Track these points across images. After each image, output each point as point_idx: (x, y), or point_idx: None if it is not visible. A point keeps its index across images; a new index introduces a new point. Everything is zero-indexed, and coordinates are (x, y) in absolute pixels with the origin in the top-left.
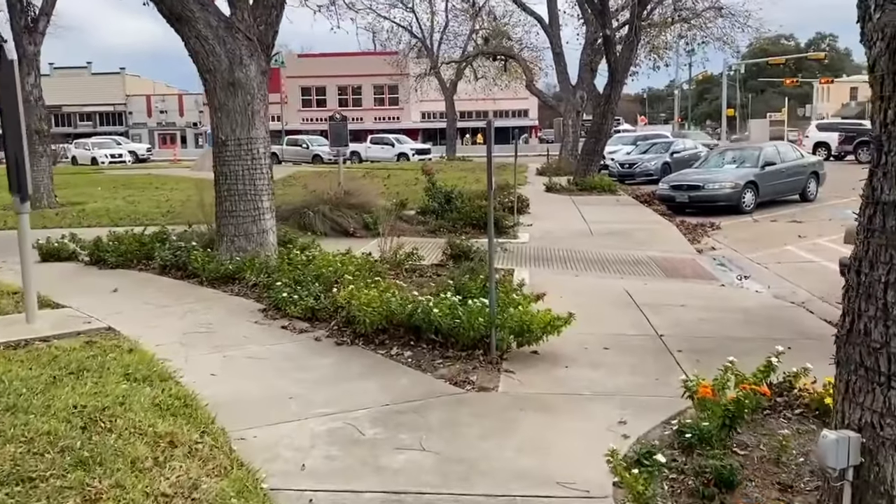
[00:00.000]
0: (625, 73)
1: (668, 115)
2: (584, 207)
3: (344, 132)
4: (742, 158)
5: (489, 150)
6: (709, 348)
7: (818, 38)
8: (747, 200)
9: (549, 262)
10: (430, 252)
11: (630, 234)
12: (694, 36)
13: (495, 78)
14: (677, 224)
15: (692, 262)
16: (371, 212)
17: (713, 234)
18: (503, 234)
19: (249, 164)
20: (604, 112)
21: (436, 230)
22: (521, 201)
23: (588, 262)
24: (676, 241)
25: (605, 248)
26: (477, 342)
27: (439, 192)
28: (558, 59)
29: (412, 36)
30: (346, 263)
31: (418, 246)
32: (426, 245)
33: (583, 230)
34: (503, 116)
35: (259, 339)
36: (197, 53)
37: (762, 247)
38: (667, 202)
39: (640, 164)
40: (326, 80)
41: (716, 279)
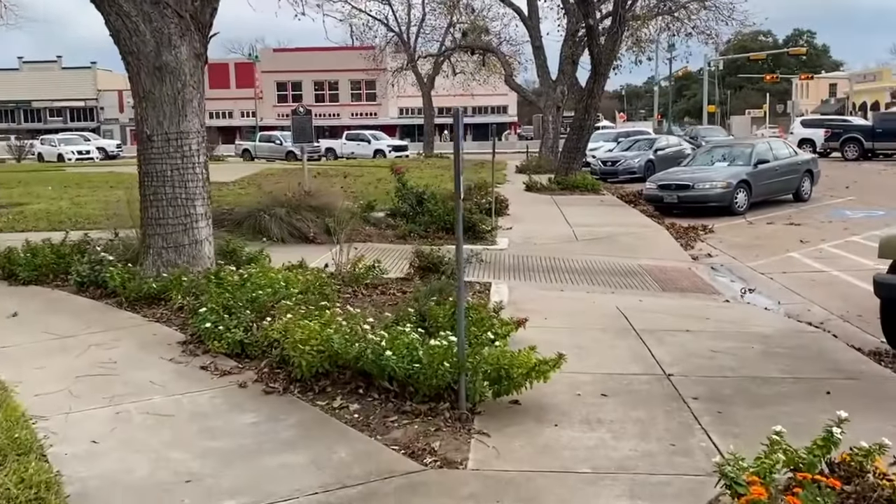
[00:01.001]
0: (608, 66)
1: (647, 112)
2: (566, 208)
3: (308, 127)
4: (733, 156)
5: (456, 148)
6: (729, 393)
7: (796, 35)
8: (740, 201)
9: (530, 273)
10: (397, 262)
11: (618, 239)
12: (678, 28)
13: (473, 73)
14: (667, 227)
15: (689, 273)
16: (335, 214)
17: (707, 239)
18: (480, 240)
19: (180, 162)
20: (586, 107)
21: (406, 235)
22: (500, 202)
23: (574, 273)
24: (668, 247)
25: (592, 256)
26: (442, 391)
27: (410, 192)
28: (538, 53)
29: (388, 29)
30: (290, 282)
31: (385, 253)
32: (393, 253)
33: (566, 234)
34: (482, 113)
35: (169, 386)
36: (118, 33)
37: (763, 254)
38: (654, 203)
39: (624, 162)
40: (302, 74)
41: (717, 293)
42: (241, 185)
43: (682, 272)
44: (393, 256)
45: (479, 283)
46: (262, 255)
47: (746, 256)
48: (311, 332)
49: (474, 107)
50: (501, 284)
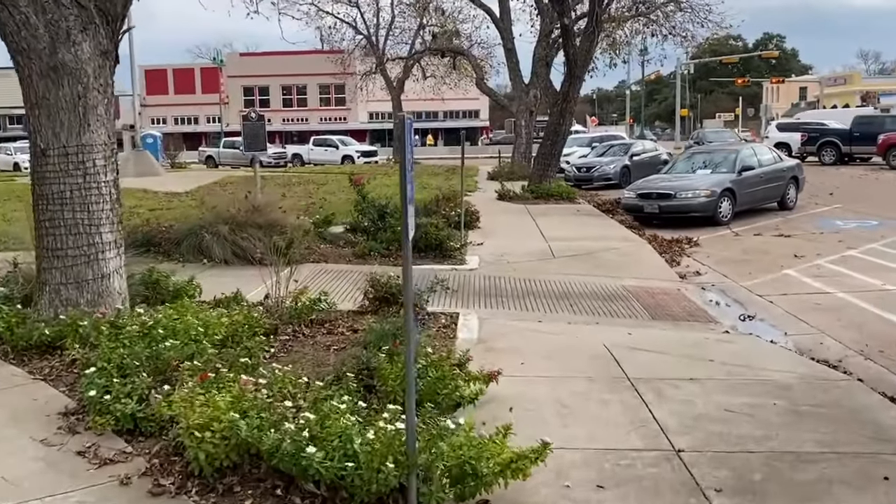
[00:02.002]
0: (584, 68)
1: (618, 116)
2: (541, 219)
3: (261, 133)
4: (715, 162)
5: (403, 161)
6: (760, 480)
7: (766, 39)
8: (724, 210)
9: (504, 300)
10: (353, 287)
11: (598, 256)
12: (653, 31)
13: (444, 76)
14: (649, 240)
15: (679, 296)
16: (285, 231)
17: (693, 253)
18: (448, 259)
19: (81, 181)
20: (561, 111)
21: (365, 254)
22: (471, 214)
23: (553, 299)
24: (653, 264)
25: (572, 276)
26: (386, 497)
27: (371, 206)
28: (510, 56)
29: (357, 32)
30: (212, 326)
31: (340, 277)
32: (349, 276)
33: (542, 250)
34: (453, 117)
35: (25, 485)
36: (4, 26)
37: (756, 271)
38: (633, 212)
39: (599, 168)
40: (270, 79)
41: (714, 321)
42: (195, 195)
43: (671, 295)
44: (349, 280)
45: (446, 315)
46: (190, 287)
47: (738, 274)
48: (214, 411)
49: (445, 111)
50: (471, 315)
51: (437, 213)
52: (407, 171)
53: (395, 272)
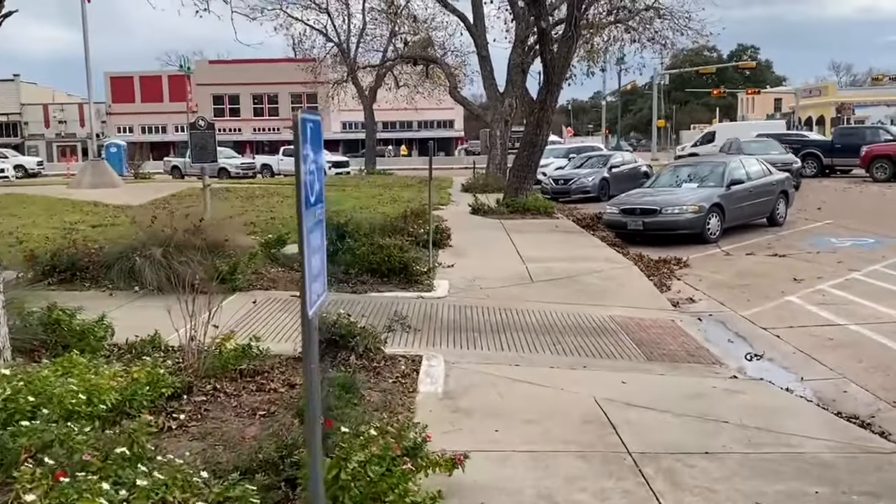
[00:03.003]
0: (562, 75)
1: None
2: (518, 237)
3: (211, 143)
4: (702, 176)
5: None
6: None
7: (740, 50)
8: (712, 227)
9: (475, 336)
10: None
11: (581, 280)
12: (633, 37)
13: (417, 85)
14: (635, 260)
15: (674, 328)
16: (231, 254)
17: (683, 276)
18: (414, 285)
19: None
20: (538, 120)
21: None
22: (441, 232)
23: (532, 334)
24: (641, 289)
25: (552, 305)
26: None
27: (328, 224)
28: (484, 63)
29: (328, 39)
30: (99, 391)
31: (288, 308)
32: (298, 309)
33: (519, 274)
34: (427, 127)
35: None
36: None
37: (755, 297)
38: (615, 229)
39: (577, 181)
40: (240, 87)
41: (718, 362)
42: (147, 209)
43: (665, 328)
44: (297, 313)
45: (407, 359)
46: (100, 327)
47: (736, 301)
48: None
49: (419, 121)
50: (436, 360)
51: (403, 231)
52: (307, 206)
53: (351, 303)
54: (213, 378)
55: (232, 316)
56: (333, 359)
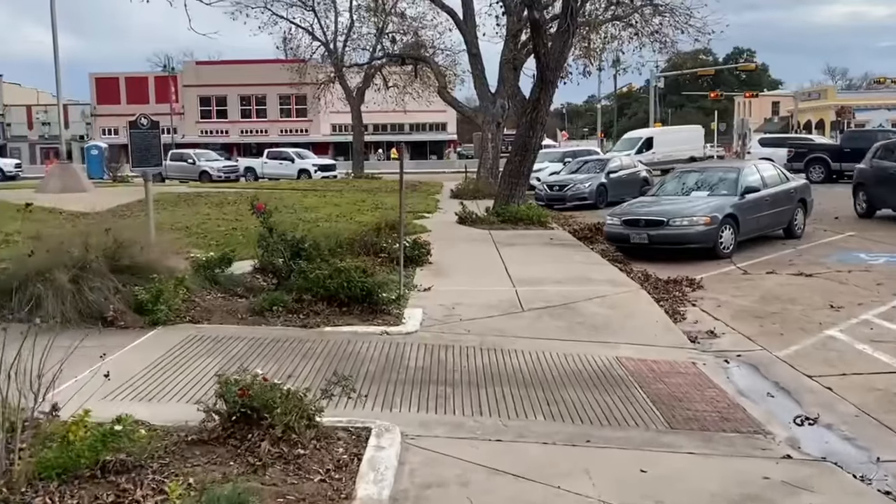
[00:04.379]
0: (556, 72)
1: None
2: (507, 251)
3: (154, 145)
4: (712, 183)
5: None
6: None
7: (736, 53)
8: (725, 241)
9: (447, 393)
10: None
11: (580, 308)
12: (630, 34)
13: (406, 86)
14: (641, 280)
15: (698, 377)
16: (156, 277)
17: (698, 300)
18: (379, 315)
19: None
20: (531, 121)
21: (267, 309)
22: (420, 246)
23: (521, 388)
24: (652, 320)
25: (547, 343)
26: None
27: (282, 241)
28: (475, 62)
29: (314, 38)
30: None
31: (215, 351)
32: (228, 351)
33: (508, 299)
34: (419, 130)
35: None
36: None
37: (788, 330)
38: (617, 242)
39: (572, 186)
40: (227, 89)
41: (761, 429)
42: (103, 217)
43: (686, 375)
44: (223, 358)
45: (350, 433)
46: None
47: (767, 336)
48: None
49: (411, 124)
50: (388, 436)
51: (374, 247)
52: None
53: (294, 344)
54: (51, 482)
55: (140, 363)
56: (238, 446)
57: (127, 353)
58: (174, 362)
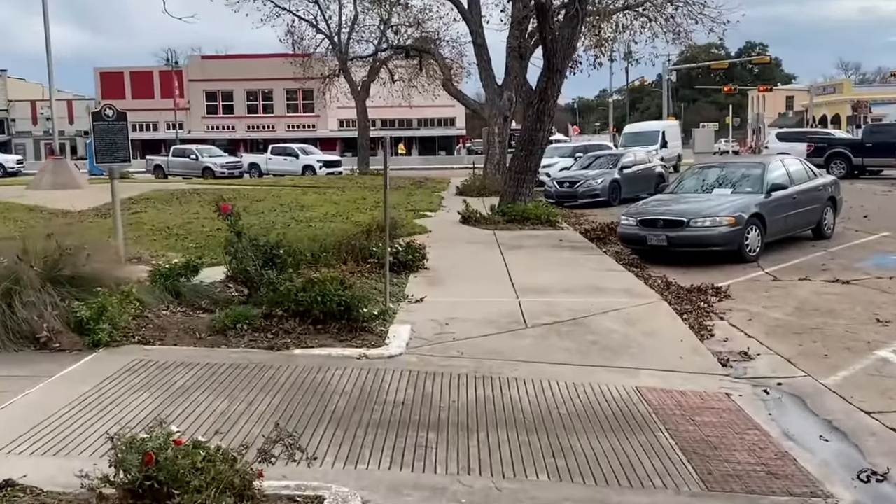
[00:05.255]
0: (565, 60)
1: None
2: (512, 255)
3: (120, 138)
4: (735, 180)
5: None
6: None
7: (748, 48)
8: (751, 243)
9: (429, 440)
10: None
11: (594, 324)
12: (643, 24)
13: (411, 79)
14: (660, 289)
15: (735, 416)
16: (101, 290)
17: (726, 312)
18: (360, 334)
19: None
20: (538, 113)
21: (229, 328)
22: (415, 251)
23: (521, 433)
24: (675, 338)
25: (555, 369)
26: None
27: (253, 247)
28: (480, 53)
29: (317, 31)
30: None
31: (150, 385)
32: (173, 386)
33: (510, 312)
34: (427, 125)
35: None
36: None
37: (832, 350)
38: (633, 244)
39: (584, 182)
40: (234, 83)
41: (820, 492)
42: (85, 216)
43: (720, 411)
44: (162, 394)
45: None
46: None
47: (809, 358)
48: None
49: (420, 119)
50: None
51: (364, 251)
52: None
53: (255, 371)
54: None
55: (63, 398)
56: None
57: (52, 384)
58: (104, 398)
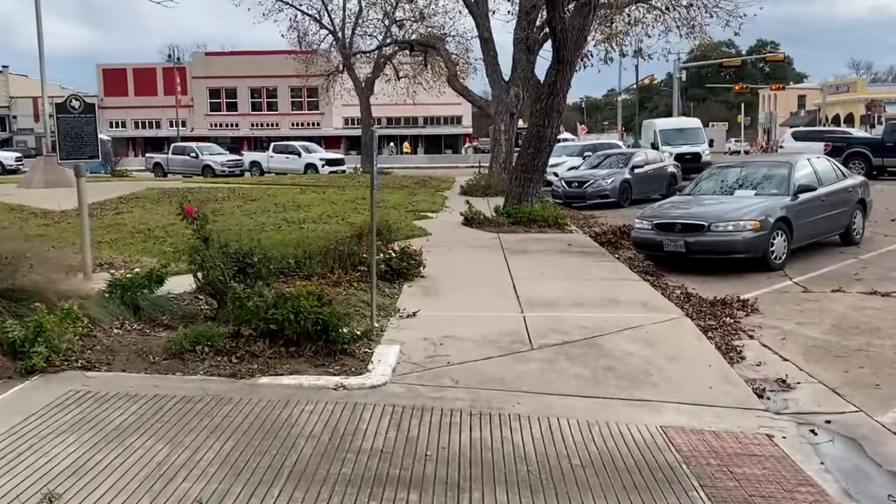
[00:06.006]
0: (576, 52)
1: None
2: (517, 261)
3: (86, 131)
4: (758, 181)
5: None
6: None
7: (759, 46)
8: (777, 249)
9: (412, 498)
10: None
11: (609, 346)
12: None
13: (416, 75)
14: (680, 301)
15: (781, 466)
16: (45, 302)
17: (755, 330)
18: (341, 357)
19: None
20: (546, 108)
21: (188, 350)
22: (409, 258)
23: (525, 493)
24: (703, 363)
25: (564, 402)
26: None
27: (223, 254)
28: (487, 47)
29: (321, 26)
30: None
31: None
32: (113, 419)
33: (513, 330)
34: (434, 123)
35: None
36: None
37: (883, 377)
38: (648, 250)
39: (593, 182)
40: (237, 80)
41: None
42: (65, 217)
43: (762, 460)
44: (94, 436)
45: None
46: None
47: (858, 389)
48: None
49: (426, 117)
50: None
51: (353, 258)
52: None
53: (210, 406)
54: None
55: None
56: None
57: None
58: (20, 442)
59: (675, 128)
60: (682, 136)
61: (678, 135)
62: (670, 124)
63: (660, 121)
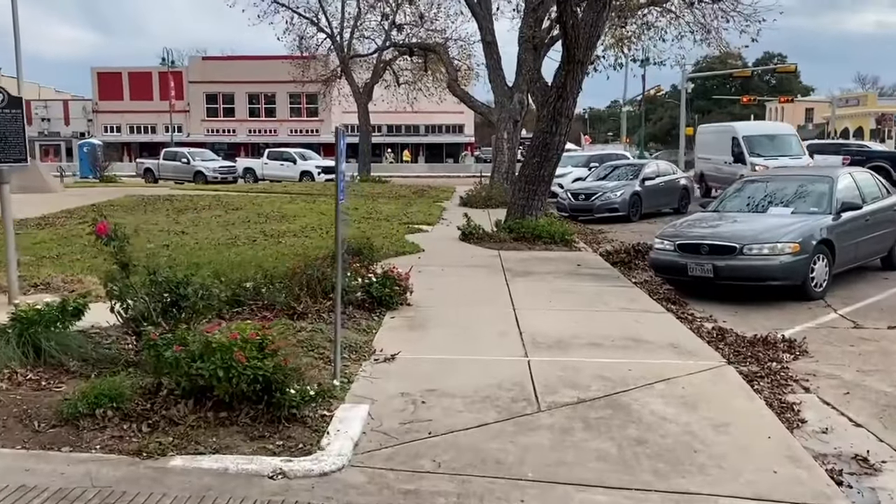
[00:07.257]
0: (588, 51)
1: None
2: (520, 285)
3: (11, 131)
4: (794, 197)
5: None
6: None
7: (766, 58)
8: (818, 276)
9: None
10: None
11: (638, 410)
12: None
13: (416, 81)
14: (714, 339)
15: None
16: None
17: (810, 378)
18: (284, 428)
19: None
20: (554, 112)
21: (86, 414)
22: (393, 283)
23: None
24: (762, 437)
25: (583, 496)
26: None
27: (151, 283)
28: (490, 51)
29: (319, 29)
30: None
31: None
32: None
33: (514, 385)
34: (435, 132)
35: None
36: None
37: None
38: (669, 274)
39: (601, 195)
40: (235, 86)
41: None
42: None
43: None
44: None
45: None
46: None
47: None
48: None
49: (427, 125)
50: None
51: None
52: None
53: None
54: None
55: None
56: None
57: None
58: None
59: (765, 134)
60: (773, 145)
61: (769, 143)
62: (758, 129)
63: (741, 125)
